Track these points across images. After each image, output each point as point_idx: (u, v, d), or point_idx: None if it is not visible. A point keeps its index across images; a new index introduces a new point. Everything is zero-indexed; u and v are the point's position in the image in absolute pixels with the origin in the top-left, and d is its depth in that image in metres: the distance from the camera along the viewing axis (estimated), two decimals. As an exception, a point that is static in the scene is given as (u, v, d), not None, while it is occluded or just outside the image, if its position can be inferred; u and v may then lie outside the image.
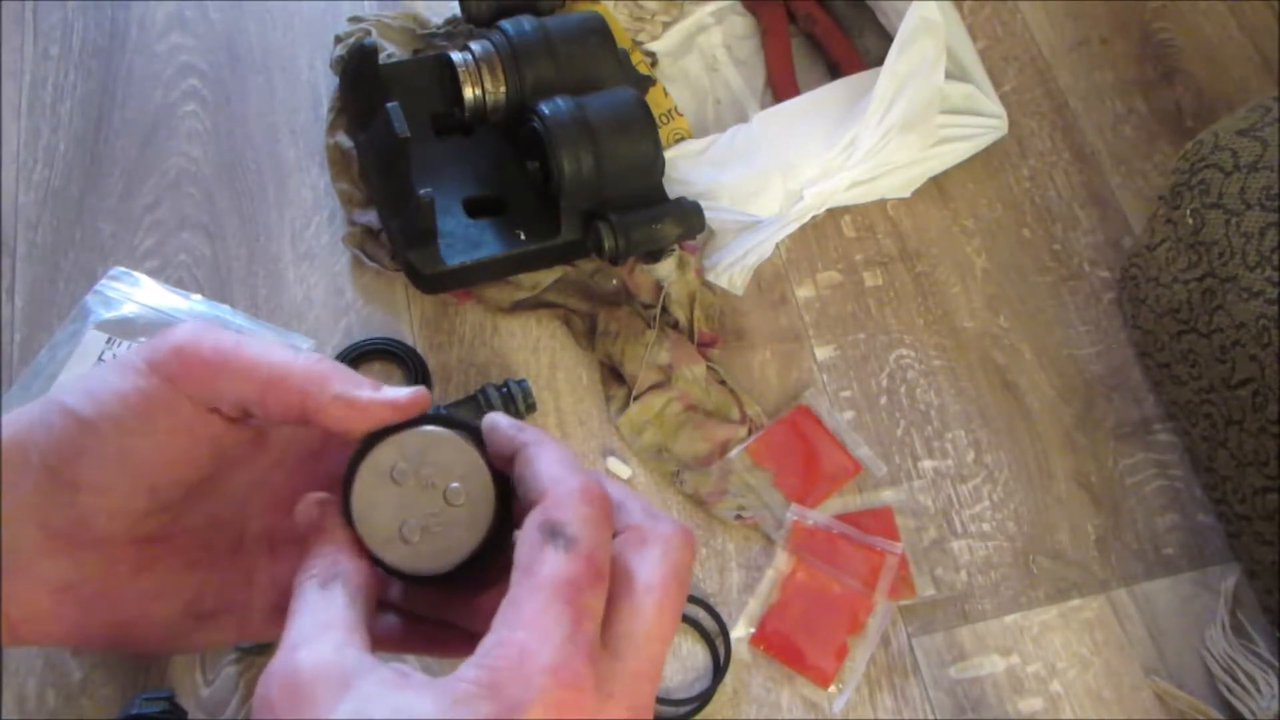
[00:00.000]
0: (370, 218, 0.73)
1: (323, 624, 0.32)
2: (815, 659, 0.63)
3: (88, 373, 0.39)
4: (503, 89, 0.69)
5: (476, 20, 0.74)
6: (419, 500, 0.35)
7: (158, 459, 0.35)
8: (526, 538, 0.32)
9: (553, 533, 0.32)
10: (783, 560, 0.65)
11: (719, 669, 0.62)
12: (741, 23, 0.84)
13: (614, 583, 0.32)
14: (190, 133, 0.78)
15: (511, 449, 0.35)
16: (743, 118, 0.77)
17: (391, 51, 0.77)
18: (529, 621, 0.30)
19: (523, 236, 0.69)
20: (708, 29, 0.84)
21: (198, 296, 0.71)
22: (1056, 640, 0.65)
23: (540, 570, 0.31)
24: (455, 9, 0.78)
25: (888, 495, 0.68)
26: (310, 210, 0.76)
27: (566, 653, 0.30)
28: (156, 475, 0.35)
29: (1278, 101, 0.63)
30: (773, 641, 0.63)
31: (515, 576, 0.32)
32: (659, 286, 0.71)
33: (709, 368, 0.70)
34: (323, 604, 0.33)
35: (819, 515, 0.66)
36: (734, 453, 0.68)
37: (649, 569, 0.32)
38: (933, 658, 0.64)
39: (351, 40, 0.77)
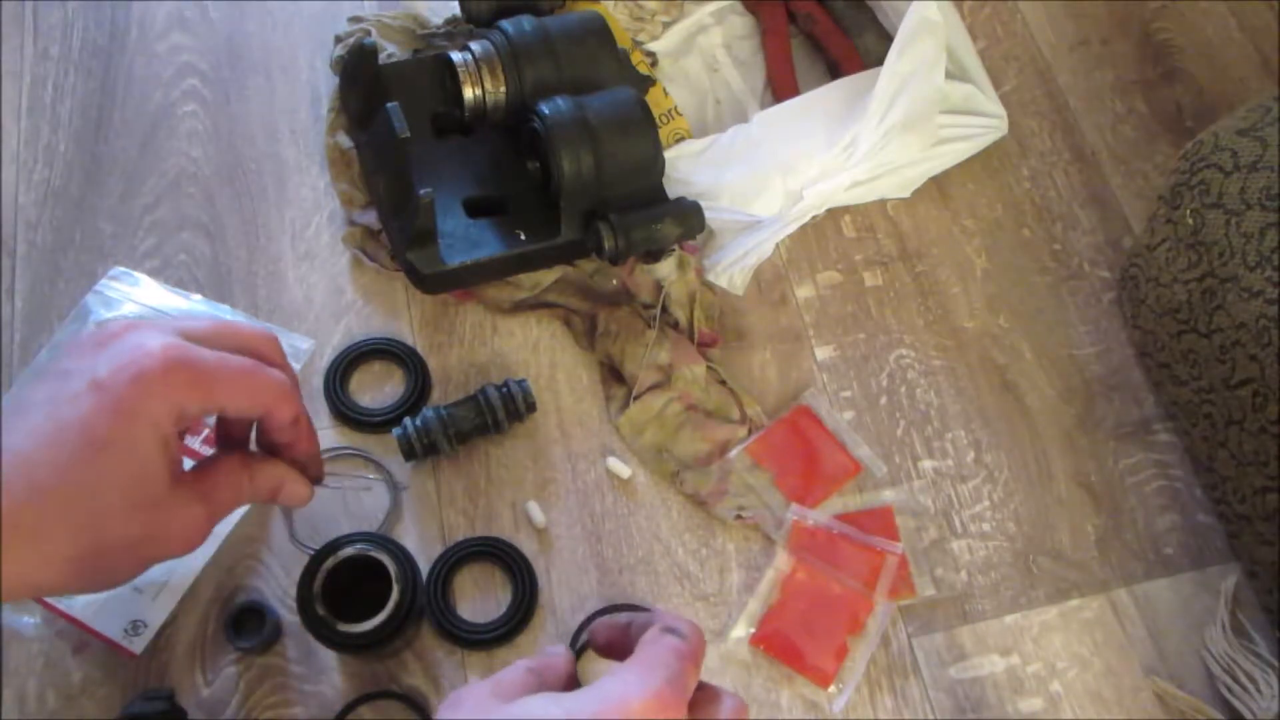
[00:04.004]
0: (370, 218, 0.73)
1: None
2: (815, 659, 0.63)
3: None
4: (503, 89, 0.69)
5: (476, 20, 0.74)
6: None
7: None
8: (648, 635, 0.44)
9: (669, 630, 0.44)
10: (783, 560, 0.65)
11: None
12: (741, 23, 0.84)
13: (701, 705, 0.43)
14: (190, 133, 0.78)
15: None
16: (743, 118, 0.77)
17: (391, 51, 0.77)
18: (642, 666, 0.41)
19: (523, 236, 0.69)
20: (708, 29, 0.84)
21: (198, 296, 0.71)
22: (1056, 640, 0.65)
23: (656, 643, 0.43)
24: (455, 9, 0.78)
25: (888, 495, 0.68)
26: (310, 210, 0.76)
27: (666, 689, 0.40)
28: None
29: (1278, 101, 0.63)
30: (773, 641, 0.63)
31: (635, 654, 0.43)
32: (659, 286, 0.71)
33: (709, 368, 0.70)
34: None
35: (819, 515, 0.66)
36: (734, 453, 0.68)
37: (727, 705, 0.44)
38: (933, 658, 0.64)
39: (351, 40, 0.78)
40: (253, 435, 0.57)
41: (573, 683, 0.46)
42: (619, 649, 0.47)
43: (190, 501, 0.51)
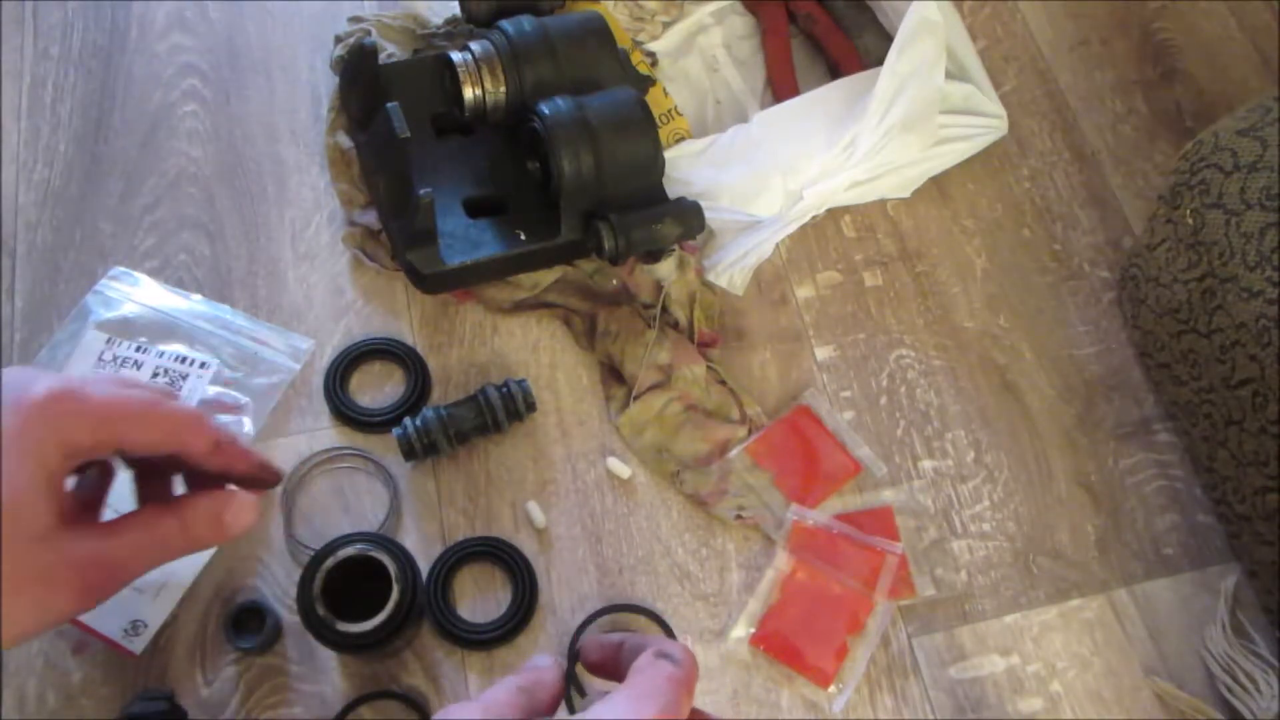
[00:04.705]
0: (370, 218, 0.73)
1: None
2: (815, 659, 0.63)
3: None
4: (503, 89, 0.69)
5: (476, 20, 0.74)
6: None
7: None
8: (641, 660, 0.43)
9: (664, 655, 0.42)
10: (783, 560, 0.65)
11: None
12: (741, 23, 0.84)
13: None
14: (190, 133, 0.78)
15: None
16: (743, 118, 0.77)
17: (391, 51, 0.77)
18: (636, 693, 0.40)
19: (523, 236, 0.69)
20: (708, 29, 0.84)
21: (198, 296, 0.71)
22: (1056, 640, 0.65)
23: (651, 670, 0.42)
24: (455, 9, 0.78)
25: (888, 495, 0.68)
26: (310, 210, 0.76)
27: (661, 718, 0.39)
28: None
29: (1278, 101, 0.63)
30: (773, 641, 0.63)
31: (628, 680, 0.42)
32: (659, 286, 0.71)
33: (709, 368, 0.70)
34: None
35: (819, 515, 0.66)
36: (734, 453, 0.68)
37: None
38: (933, 658, 0.64)
39: (351, 40, 0.78)
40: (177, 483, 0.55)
41: (561, 697, 0.46)
42: (611, 669, 0.47)
43: (81, 542, 0.47)
